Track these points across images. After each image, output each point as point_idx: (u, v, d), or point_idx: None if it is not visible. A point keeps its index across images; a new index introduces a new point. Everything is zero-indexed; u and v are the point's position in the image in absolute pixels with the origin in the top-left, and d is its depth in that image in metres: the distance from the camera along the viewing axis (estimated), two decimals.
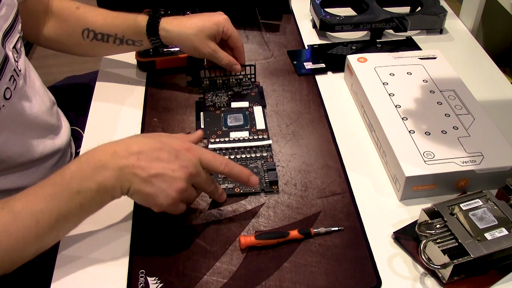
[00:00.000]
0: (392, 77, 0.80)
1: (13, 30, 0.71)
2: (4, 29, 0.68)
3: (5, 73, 0.66)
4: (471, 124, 0.71)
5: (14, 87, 0.68)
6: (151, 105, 0.82)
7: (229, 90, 0.84)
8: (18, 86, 0.69)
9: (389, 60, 0.83)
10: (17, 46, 0.72)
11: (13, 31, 0.70)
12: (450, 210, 0.59)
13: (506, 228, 0.57)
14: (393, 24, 0.96)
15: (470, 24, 1.01)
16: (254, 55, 0.93)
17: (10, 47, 0.69)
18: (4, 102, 0.66)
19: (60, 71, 1.90)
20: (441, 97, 0.76)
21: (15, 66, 0.69)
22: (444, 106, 0.74)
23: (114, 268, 0.58)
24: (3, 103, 0.65)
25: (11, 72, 0.67)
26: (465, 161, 0.65)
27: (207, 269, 0.58)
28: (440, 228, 0.58)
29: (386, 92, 0.77)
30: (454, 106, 0.74)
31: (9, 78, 0.67)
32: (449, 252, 0.55)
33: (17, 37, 0.72)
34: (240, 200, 0.66)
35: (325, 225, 0.62)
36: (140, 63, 0.89)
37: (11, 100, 0.67)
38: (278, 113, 0.80)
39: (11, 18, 0.70)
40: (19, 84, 0.69)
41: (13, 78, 0.68)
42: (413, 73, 0.81)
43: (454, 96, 0.76)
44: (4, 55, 0.66)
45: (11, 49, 0.70)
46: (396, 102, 0.75)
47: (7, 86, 0.66)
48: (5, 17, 0.68)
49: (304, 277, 0.57)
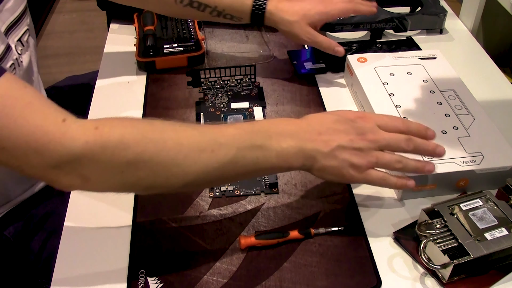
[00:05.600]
0: (392, 77, 0.80)
1: (20, 23, 0.70)
2: (9, 21, 0.68)
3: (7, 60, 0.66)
4: (471, 124, 0.71)
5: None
6: (151, 105, 0.82)
7: (229, 91, 0.84)
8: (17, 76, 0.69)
9: (389, 60, 0.83)
10: (23, 39, 0.72)
11: (19, 24, 0.70)
12: (450, 210, 0.59)
13: (506, 228, 0.57)
14: (393, 24, 0.96)
15: (470, 24, 1.01)
16: (254, 55, 0.93)
17: (14, 40, 0.69)
18: None
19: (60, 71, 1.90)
20: (441, 97, 0.76)
21: (17, 57, 0.69)
22: (444, 106, 0.74)
23: (114, 268, 0.58)
24: None
25: (13, 60, 0.67)
26: (465, 161, 0.65)
27: (207, 269, 0.58)
28: (440, 228, 0.58)
29: (386, 92, 0.77)
30: (454, 106, 0.74)
31: (10, 65, 0.67)
32: (449, 252, 0.55)
33: (24, 29, 0.72)
34: (240, 200, 0.66)
35: (325, 225, 0.62)
36: (140, 63, 0.88)
37: None
38: (278, 113, 0.80)
39: (19, 11, 0.70)
40: (18, 75, 0.69)
41: (13, 66, 0.68)
42: (413, 73, 0.81)
43: (454, 96, 0.76)
44: (7, 45, 0.66)
45: (15, 42, 0.70)
46: (396, 102, 0.75)
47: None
48: (11, 9, 0.68)
49: (304, 277, 0.57)
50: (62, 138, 0.48)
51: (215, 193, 0.67)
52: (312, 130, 0.57)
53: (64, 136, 0.49)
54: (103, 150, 0.49)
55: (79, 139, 0.49)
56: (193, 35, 0.93)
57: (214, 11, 0.80)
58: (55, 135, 0.48)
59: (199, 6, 0.80)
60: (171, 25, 0.95)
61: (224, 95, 0.83)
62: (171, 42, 0.90)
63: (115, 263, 0.59)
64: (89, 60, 2.20)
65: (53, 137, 0.48)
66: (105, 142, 0.49)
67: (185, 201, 0.66)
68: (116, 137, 0.50)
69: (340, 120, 0.58)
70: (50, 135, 0.48)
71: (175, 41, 0.91)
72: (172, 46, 0.89)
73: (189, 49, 0.89)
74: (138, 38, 0.91)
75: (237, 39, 0.96)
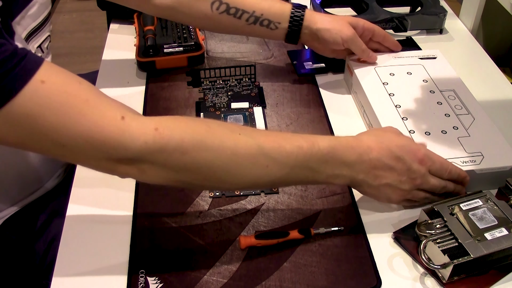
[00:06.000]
0: (392, 77, 0.80)
1: (42, 29, 0.70)
2: (31, 27, 0.68)
3: None
4: (471, 124, 0.71)
5: None
6: (151, 105, 0.82)
7: (229, 91, 0.84)
8: None
9: (389, 60, 0.83)
10: (43, 45, 0.72)
11: (41, 30, 0.70)
12: (450, 210, 0.59)
13: (506, 228, 0.57)
14: (393, 24, 0.96)
15: (470, 24, 1.01)
16: (254, 55, 0.93)
17: (34, 46, 0.69)
18: None
19: None
20: (441, 97, 0.76)
21: None
22: (444, 106, 0.74)
23: (114, 268, 0.58)
24: None
25: None
26: (465, 161, 0.65)
27: (207, 269, 0.58)
28: (440, 228, 0.58)
29: (386, 92, 0.77)
30: (454, 106, 0.74)
31: None
32: (449, 252, 0.55)
33: (46, 36, 0.72)
34: (240, 200, 0.66)
35: (325, 225, 0.62)
36: (140, 63, 0.88)
37: None
38: (278, 113, 0.80)
39: (42, 18, 0.70)
40: None
41: None
42: (413, 73, 0.81)
43: (454, 96, 0.76)
44: None
45: (35, 48, 0.70)
46: (396, 102, 0.75)
47: None
48: (34, 16, 0.68)
49: (304, 277, 0.57)
50: (122, 137, 0.49)
51: (215, 193, 0.67)
52: (370, 162, 0.58)
53: (123, 134, 0.49)
54: (161, 152, 0.50)
55: (138, 138, 0.49)
56: (193, 35, 0.93)
57: (251, 17, 0.77)
58: (114, 133, 0.49)
59: (236, 12, 0.77)
60: (171, 25, 0.95)
61: (224, 95, 0.83)
62: (171, 42, 0.90)
63: (115, 263, 0.59)
64: (89, 60, 2.21)
65: (113, 135, 0.49)
66: (165, 145, 0.50)
67: (185, 201, 0.66)
68: (175, 141, 0.50)
69: (399, 158, 0.59)
70: (109, 134, 0.48)
71: (175, 41, 0.91)
72: (172, 46, 0.89)
73: (189, 49, 0.89)
74: (138, 38, 0.91)
75: (237, 39, 0.96)
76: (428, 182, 0.61)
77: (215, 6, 0.77)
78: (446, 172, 0.62)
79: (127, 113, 0.50)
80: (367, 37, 0.83)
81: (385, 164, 0.58)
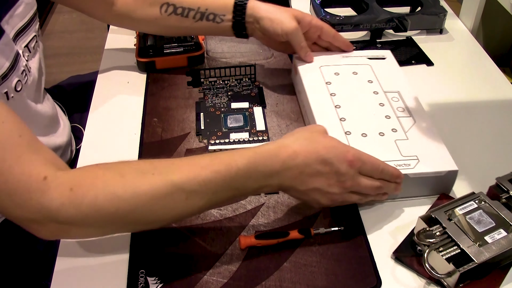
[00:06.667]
0: (336, 77, 0.77)
1: (28, 29, 0.71)
2: (18, 27, 0.68)
3: (18, 67, 0.67)
4: (411, 127, 0.68)
5: (25, 81, 0.69)
6: (151, 105, 0.82)
7: (229, 91, 0.84)
8: (28, 82, 0.70)
9: (336, 59, 0.81)
10: (30, 45, 0.72)
11: (28, 30, 0.70)
12: (448, 216, 0.58)
13: (504, 229, 0.57)
14: (393, 24, 0.96)
15: (470, 24, 1.01)
16: (254, 55, 0.93)
17: (21, 46, 0.70)
18: (14, 94, 0.67)
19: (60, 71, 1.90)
20: (385, 98, 0.74)
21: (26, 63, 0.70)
22: (386, 108, 0.72)
23: (114, 268, 0.58)
24: (12, 94, 0.67)
25: (23, 67, 0.68)
26: (399, 165, 0.63)
27: (207, 269, 0.58)
28: (440, 235, 0.57)
29: (328, 92, 0.74)
30: (396, 108, 0.72)
31: (21, 71, 0.67)
32: (453, 260, 0.54)
33: (32, 36, 0.72)
34: (240, 200, 0.66)
35: (325, 225, 0.62)
36: (140, 63, 0.88)
37: (21, 93, 0.69)
38: (278, 113, 0.80)
39: (28, 17, 0.70)
40: (29, 80, 0.70)
41: (24, 73, 0.69)
42: (359, 73, 0.78)
43: (398, 98, 0.74)
44: (16, 52, 0.66)
45: (23, 48, 0.70)
46: (336, 102, 0.73)
47: (19, 79, 0.67)
48: (21, 15, 0.68)
49: (304, 277, 0.57)
50: (41, 198, 0.50)
51: None
52: (296, 168, 0.56)
53: (43, 195, 0.50)
54: (78, 212, 0.50)
55: (56, 199, 0.50)
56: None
57: (197, 14, 0.79)
58: (36, 193, 0.50)
59: (183, 11, 0.79)
60: None
61: (224, 95, 0.83)
62: (171, 42, 0.90)
63: (115, 263, 0.59)
64: (89, 60, 2.21)
65: (34, 196, 0.50)
66: (79, 205, 0.50)
67: None
68: (89, 199, 0.50)
69: (327, 161, 0.57)
70: (32, 194, 0.50)
71: (175, 41, 0.91)
72: (172, 46, 0.89)
73: (189, 49, 0.89)
74: (138, 38, 0.91)
75: (237, 39, 0.96)
76: (359, 184, 0.59)
77: (163, 9, 0.79)
78: (378, 172, 0.60)
79: (50, 172, 0.51)
80: (315, 35, 0.81)
81: (313, 168, 0.57)
